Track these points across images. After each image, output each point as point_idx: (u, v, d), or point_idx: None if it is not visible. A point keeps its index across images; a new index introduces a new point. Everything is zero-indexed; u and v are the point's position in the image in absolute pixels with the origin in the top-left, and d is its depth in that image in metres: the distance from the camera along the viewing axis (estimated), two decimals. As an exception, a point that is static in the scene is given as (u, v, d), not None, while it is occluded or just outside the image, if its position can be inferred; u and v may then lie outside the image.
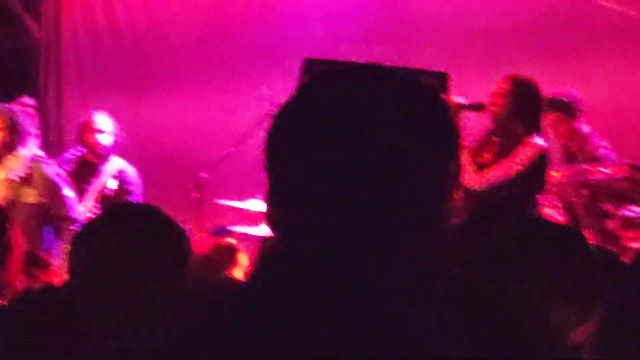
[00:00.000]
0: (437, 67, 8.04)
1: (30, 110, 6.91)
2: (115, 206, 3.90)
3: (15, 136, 6.39)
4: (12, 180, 6.30)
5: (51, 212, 6.39)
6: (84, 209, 6.87)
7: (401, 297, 1.45)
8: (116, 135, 7.36)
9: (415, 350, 1.42)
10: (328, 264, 1.47)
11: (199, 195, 7.70)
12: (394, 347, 1.42)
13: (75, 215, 6.44)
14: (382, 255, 1.47)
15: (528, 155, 5.99)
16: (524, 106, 6.02)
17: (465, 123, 6.22)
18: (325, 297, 1.45)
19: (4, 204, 6.14)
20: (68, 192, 6.49)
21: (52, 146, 8.83)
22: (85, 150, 7.34)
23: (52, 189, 6.39)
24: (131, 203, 6.14)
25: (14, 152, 6.37)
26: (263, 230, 6.87)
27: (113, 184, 7.21)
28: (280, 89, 8.14)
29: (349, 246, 1.46)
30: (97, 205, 7.07)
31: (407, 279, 1.47)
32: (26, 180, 6.31)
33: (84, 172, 7.28)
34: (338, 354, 1.41)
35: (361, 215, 1.46)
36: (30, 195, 6.30)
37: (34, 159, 6.42)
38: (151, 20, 9.15)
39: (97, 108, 7.66)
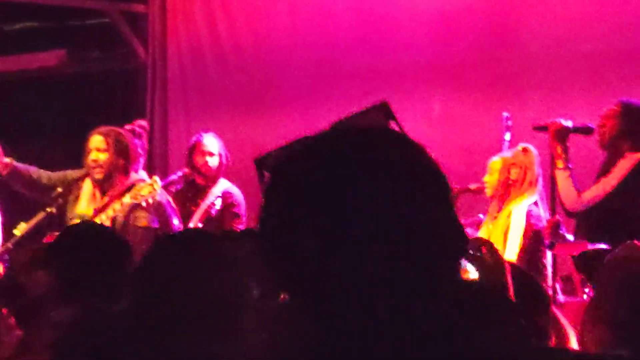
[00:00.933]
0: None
1: (143, 133, 7.02)
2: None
3: (126, 159, 6.44)
4: (126, 203, 6.33)
5: None
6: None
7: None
8: (224, 157, 7.41)
9: None
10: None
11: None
12: None
13: None
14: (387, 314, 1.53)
15: (624, 167, 5.97)
16: (632, 127, 6.03)
17: (572, 146, 6.26)
18: None
19: (116, 225, 6.30)
20: (176, 222, 6.53)
21: (156, 168, 9.00)
22: (190, 172, 7.40)
23: (163, 216, 6.42)
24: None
25: (129, 176, 6.44)
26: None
27: (217, 206, 7.26)
28: (393, 111, 8.22)
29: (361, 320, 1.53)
30: (202, 226, 7.14)
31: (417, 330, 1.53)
32: (139, 204, 6.34)
33: (191, 194, 7.35)
34: None
35: (363, 280, 1.52)
36: (143, 219, 6.36)
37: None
38: (256, 41, 9.21)
39: (202, 129, 7.73)
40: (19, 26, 11.51)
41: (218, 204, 7.25)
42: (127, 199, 6.32)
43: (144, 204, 6.30)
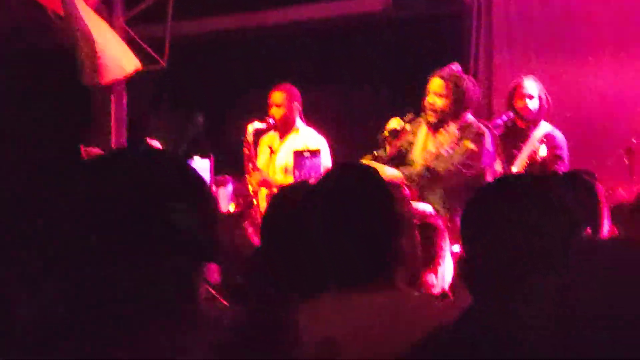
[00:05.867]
0: None
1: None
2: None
3: (461, 105, 6.95)
4: (452, 132, 6.94)
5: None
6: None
7: None
8: (544, 100, 7.85)
9: None
10: None
11: (628, 162, 8.02)
12: None
13: None
14: None
15: None
16: None
17: None
18: None
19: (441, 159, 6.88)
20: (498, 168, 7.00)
21: (482, 111, 9.52)
22: (513, 115, 7.87)
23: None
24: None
25: (461, 118, 6.96)
26: None
27: (542, 150, 7.62)
28: None
29: None
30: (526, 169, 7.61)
31: None
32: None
33: (513, 137, 7.86)
34: None
35: None
36: (469, 143, 6.89)
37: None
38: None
39: (526, 73, 8.13)
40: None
41: (543, 151, 7.64)
42: (452, 129, 6.97)
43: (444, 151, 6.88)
